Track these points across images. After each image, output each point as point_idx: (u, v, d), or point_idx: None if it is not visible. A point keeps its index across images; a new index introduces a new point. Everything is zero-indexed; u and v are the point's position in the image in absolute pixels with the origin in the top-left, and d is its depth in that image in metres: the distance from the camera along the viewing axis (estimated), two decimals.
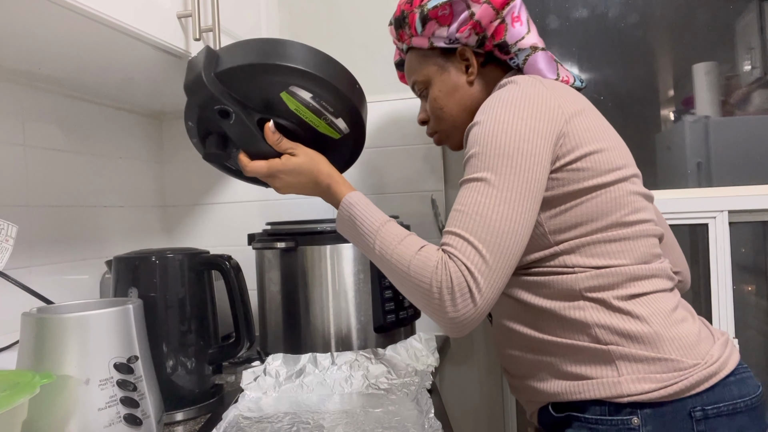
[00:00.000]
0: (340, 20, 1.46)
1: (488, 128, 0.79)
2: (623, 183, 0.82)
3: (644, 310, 0.78)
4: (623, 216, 0.81)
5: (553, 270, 0.81)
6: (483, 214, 0.74)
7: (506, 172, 0.76)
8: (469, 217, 0.74)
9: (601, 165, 0.80)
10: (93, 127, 1.28)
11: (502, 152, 0.76)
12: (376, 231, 0.80)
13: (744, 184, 1.36)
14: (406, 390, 0.94)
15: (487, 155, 0.77)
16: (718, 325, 1.33)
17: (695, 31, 1.49)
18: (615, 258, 0.80)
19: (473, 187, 0.77)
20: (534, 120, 0.78)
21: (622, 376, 0.76)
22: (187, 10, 0.97)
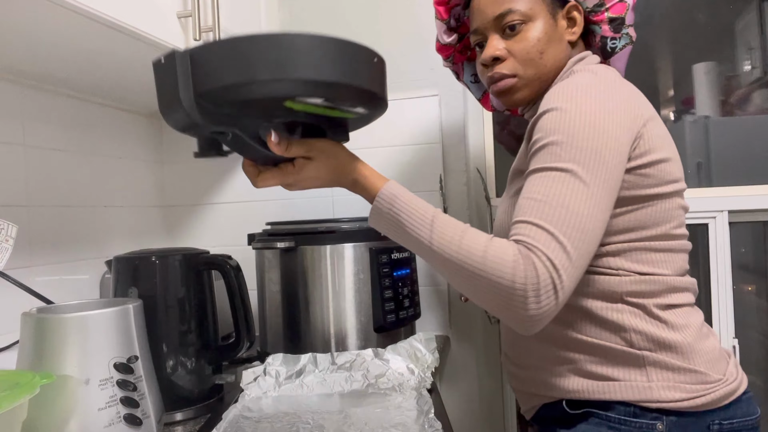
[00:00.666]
0: (340, 20, 1.46)
1: (575, 118, 0.73)
2: (677, 197, 0.81)
3: (680, 321, 0.79)
4: (671, 228, 0.80)
5: (596, 270, 0.80)
6: (569, 207, 0.68)
7: (595, 168, 0.71)
8: (553, 208, 0.68)
9: (665, 175, 0.78)
10: (93, 127, 1.28)
11: (592, 147, 0.71)
12: (430, 224, 0.72)
13: (744, 184, 1.36)
14: (406, 390, 0.94)
15: (575, 147, 0.71)
16: (718, 326, 1.33)
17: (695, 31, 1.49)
18: (658, 267, 0.80)
19: (557, 178, 0.70)
20: (620, 117, 0.74)
21: (652, 381, 0.77)
22: (187, 10, 0.97)
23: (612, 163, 0.72)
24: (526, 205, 0.70)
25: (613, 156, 0.72)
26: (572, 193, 0.69)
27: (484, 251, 0.68)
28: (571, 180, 0.70)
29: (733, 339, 1.32)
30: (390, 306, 1.11)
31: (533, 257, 0.66)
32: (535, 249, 0.66)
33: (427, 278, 1.41)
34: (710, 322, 1.34)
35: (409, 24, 1.43)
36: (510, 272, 0.66)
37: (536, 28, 0.86)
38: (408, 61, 1.42)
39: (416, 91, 1.42)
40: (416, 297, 1.20)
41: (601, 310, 0.79)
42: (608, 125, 0.73)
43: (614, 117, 0.74)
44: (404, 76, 1.43)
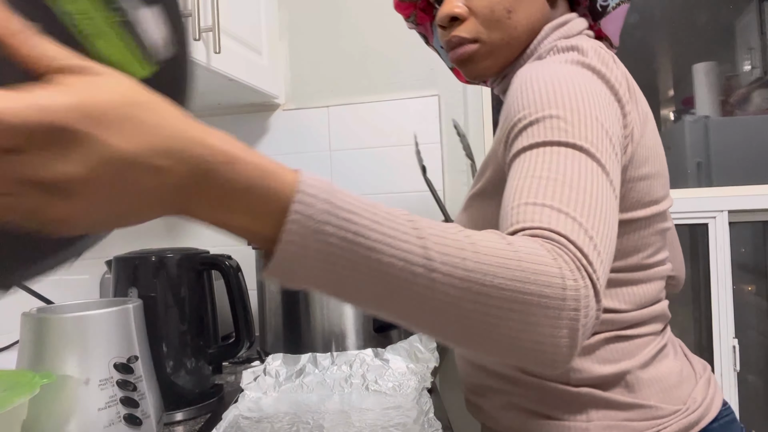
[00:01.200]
0: (340, 20, 1.46)
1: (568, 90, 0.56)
2: (656, 221, 0.67)
3: (627, 353, 0.67)
4: (644, 258, 0.67)
5: None
6: (592, 193, 0.49)
7: (606, 149, 0.53)
8: (574, 192, 0.49)
9: (644, 195, 0.64)
10: None
11: (598, 123, 0.54)
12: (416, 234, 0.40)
13: (744, 184, 1.36)
14: (406, 390, 0.94)
15: (580, 122, 0.53)
16: (718, 326, 1.33)
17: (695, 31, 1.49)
18: (618, 302, 0.67)
19: (569, 155, 0.51)
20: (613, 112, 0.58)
21: (592, 422, 0.66)
22: (187, 10, 0.97)
23: (617, 148, 0.55)
24: (532, 185, 0.50)
25: (617, 140, 0.56)
26: (591, 175, 0.50)
27: (515, 252, 0.42)
28: (587, 160, 0.51)
29: (733, 339, 1.32)
30: None
31: (570, 256, 0.44)
32: (569, 245, 0.45)
33: None
34: (710, 322, 1.34)
35: None
36: (557, 273, 0.42)
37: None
38: (408, 61, 1.42)
39: (416, 91, 1.42)
40: None
41: None
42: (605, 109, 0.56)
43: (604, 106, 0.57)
44: (404, 76, 1.43)
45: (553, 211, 0.47)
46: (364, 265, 0.38)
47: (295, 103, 1.48)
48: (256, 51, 1.31)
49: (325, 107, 1.45)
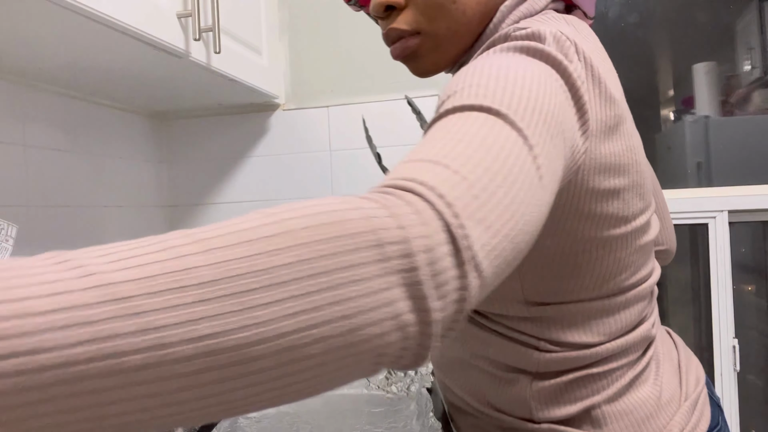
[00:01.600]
0: (340, 20, 1.46)
1: (507, 75, 0.44)
2: (636, 236, 0.55)
3: (595, 387, 0.59)
4: (622, 281, 0.57)
5: (514, 337, 0.58)
6: (496, 156, 0.37)
7: (536, 126, 0.41)
8: (470, 149, 0.37)
9: (618, 211, 0.53)
10: (93, 127, 1.28)
11: (532, 100, 0.42)
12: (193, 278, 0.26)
13: (744, 184, 1.36)
14: (406, 390, 0.94)
15: (505, 91, 0.42)
16: (718, 326, 1.33)
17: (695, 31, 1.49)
18: (593, 334, 0.57)
19: (480, 118, 0.40)
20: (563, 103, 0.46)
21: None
22: (186, 10, 0.97)
23: (555, 142, 0.42)
24: (422, 146, 0.39)
25: (561, 126, 0.43)
26: (503, 141, 0.38)
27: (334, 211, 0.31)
28: (504, 127, 0.39)
29: (733, 339, 1.32)
30: None
31: (412, 202, 0.33)
32: (420, 189, 0.34)
33: None
34: (710, 322, 1.34)
35: None
36: (383, 221, 0.31)
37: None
38: None
39: (416, 90, 1.42)
40: None
41: (507, 382, 0.60)
42: (555, 97, 0.45)
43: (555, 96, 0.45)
44: (404, 75, 1.43)
45: (430, 164, 0.36)
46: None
47: (295, 103, 1.48)
48: (256, 51, 1.31)
49: (325, 107, 1.45)
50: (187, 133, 1.54)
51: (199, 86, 1.23)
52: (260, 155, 1.49)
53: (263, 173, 1.49)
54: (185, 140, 1.54)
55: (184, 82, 1.19)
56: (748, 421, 1.36)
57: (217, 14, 1.01)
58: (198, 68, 1.06)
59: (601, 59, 0.52)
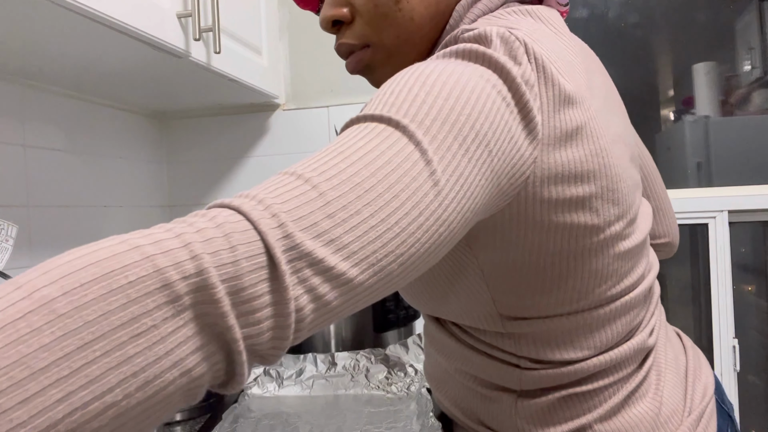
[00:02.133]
0: None
1: (428, 83, 0.41)
2: (612, 245, 0.51)
3: (583, 409, 0.55)
4: (603, 292, 0.52)
5: (493, 354, 0.56)
6: (367, 162, 0.35)
7: (444, 137, 0.38)
8: (331, 156, 0.36)
9: (588, 220, 0.48)
10: (93, 127, 1.28)
11: (446, 109, 0.39)
12: None
13: (744, 184, 1.36)
14: (406, 390, 0.94)
15: (414, 100, 0.39)
16: (718, 326, 1.33)
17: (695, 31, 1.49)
18: (576, 350, 0.53)
19: (370, 128, 0.38)
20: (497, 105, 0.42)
21: None
22: (187, 10, 0.97)
23: (483, 152, 0.40)
24: (300, 162, 0.36)
25: (491, 141, 0.40)
26: (388, 149, 0.36)
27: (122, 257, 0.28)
28: (396, 136, 0.37)
29: (733, 339, 1.32)
30: (390, 305, 1.11)
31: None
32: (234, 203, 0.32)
33: None
34: (710, 322, 1.34)
35: None
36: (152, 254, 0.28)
37: None
38: None
39: None
40: None
41: (491, 401, 0.58)
42: (476, 105, 0.41)
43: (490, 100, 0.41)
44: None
45: (291, 177, 0.34)
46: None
47: (295, 103, 1.48)
48: (256, 51, 1.31)
49: (325, 107, 1.45)
50: (187, 133, 1.54)
51: (199, 86, 1.23)
52: (260, 155, 1.49)
53: (263, 173, 1.49)
54: (185, 140, 1.54)
55: (184, 82, 1.19)
56: (748, 421, 1.36)
57: (217, 14, 1.01)
58: (198, 68, 1.06)
59: (559, 57, 0.47)
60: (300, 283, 0.31)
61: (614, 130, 0.51)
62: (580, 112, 0.46)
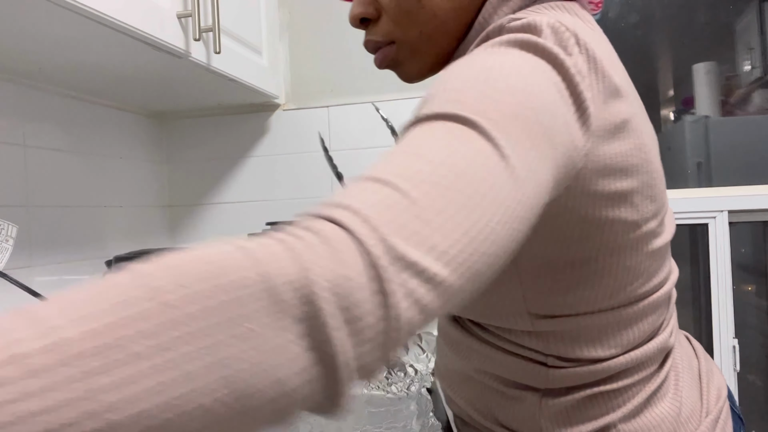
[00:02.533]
0: (340, 20, 1.46)
1: (492, 73, 0.41)
2: (647, 241, 0.51)
3: (612, 405, 0.55)
4: (634, 290, 0.53)
5: (519, 352, 0.56)
6: (451, 165, 0.35)
7: (514, 131, 0.38)
8: (420, 161, 0.35)
9: (628, 216, 0.48)
10: (93, 127, 1.28)
11: (514, 104, 0.39)
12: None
13: (744, 184, 1.36)
14: (406, 390, 0.94)
15: (482, 95, 0.39)
16: (718, 326, 1.33)
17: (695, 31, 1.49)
18: (603, 348, 0.54)
19: (447, 128, 0.37)
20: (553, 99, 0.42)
21: None
22: (187, 10, 0.97)
23: (547, 146, 0.39)
24: (376, 163, 0.36)
25: (554, 135, 0.40)
26: (467, 150, 0.36)
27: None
28: (472, 135, 0.36)
29: (733, 339, 1.32)
30: None
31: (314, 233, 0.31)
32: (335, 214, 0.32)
33: None
34: (710, 322, 1.34)
35: None
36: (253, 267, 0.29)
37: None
38: None
39: (416, 90, 1.42)
40: None
41: (515, 401, 0.57)
42: (543, 94, 0.41)
43: (546, 92, 0.41)
44: None
45: (377, 183, 0.33)
46: None
47: (295, 103, 1.48)
48: (256, 51, 1.31)
49: (325, 107, 1.45)
50: (187, 133, 1.54)
51: (199, 86, 1.23)
52: (260, 155, 1.49)
53: (263, 173, 1.49)
54: (185, 140, 1.54)
55: (184, 82, 1.19)
56: (748, 421, 1.37)
57: (217, 14, 1.01)
58: (198, 68, 1.06)
59: (605, 50, 0.47)
60: (407, 295, 0.31)
61: (649, 126, 0.52)
62: (626, 105, 0.46)
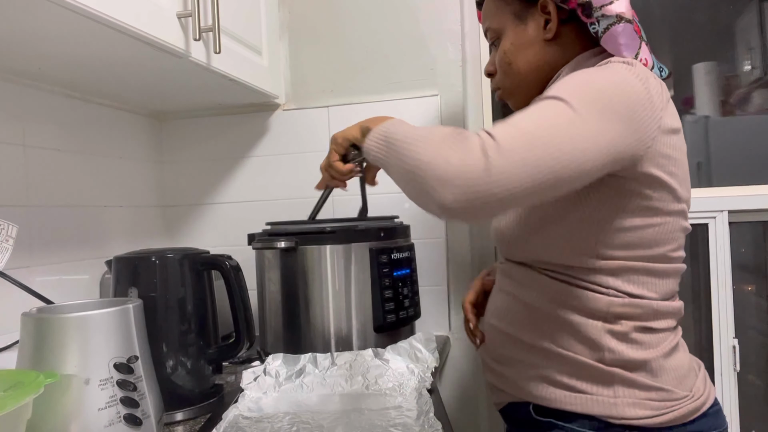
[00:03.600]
0: (340, 20, 1.46)
1: (583, 77, 0.73)
2: (681, 217, 0.79)
3: (653, 343, 0.78)
4: (670, 251, 0.79)
5: (586, 285, 0.79)
6: (540, 115, 0.68)
7: (586, 104, 0.68)
8: (526, 113, 0.69)
9: (673, 191, 0.76)
10: (93, 127, 1.28)
11: (596, 92, 0.70)
12: None
13: (744, 184, 1.36)
14: (406, 390, 0.94)
15: (577, 86, 0.71)
16: (718, 326, 1.33)
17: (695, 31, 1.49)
18: (648, 289, 0.78)
19: (547, 102, 0.70)
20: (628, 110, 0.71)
21: (618, 398, 0.77)
22: (187, 10, 0.97)
23: (607, 116, 0.69)
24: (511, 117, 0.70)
25: (612, 115, 0.69)
26: (553, 108, 0.68)
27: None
28: (558, 104, 0.69)
29: (733, 339, 1.32)
30: (390, 306, 1.11)
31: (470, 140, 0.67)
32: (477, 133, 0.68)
33: (427, 278, 1.41)
34: (710, 322, 1.34)
35: (409, 24, 1.43)
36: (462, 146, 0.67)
37: (505, 41, 0.90)
38: (408, 61, 1.42)
39: (416, 91, 1.42)
40: (416, 297, 1.20)
41: (581, 326, 0.79)
42: (628, 91, 0.71)
43: (621, 110, 0.70)
44: (404, 76, 1.43)
45: (506, 125, 0.68)
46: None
47: (295, 103, 1.48)
48: (256, 51, 1.31)
49: (325, 107, 1.45)
50: (187, 133, 1.54)
51: (199, 86, 1.23)
52: (260, 155, 1.49)
53: (263, 173, 1.49)
54: (185, 140, 1.54)
55: (184, 82, 1.19)
56: (748, 421, 1.36)
57: (217, 14, 1.01)
58: (198, 68, 1.06)
59: (667, 96, 0.78)
60: (490, 152, 0.65)
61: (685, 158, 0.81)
62: (676, 125, 0.78)
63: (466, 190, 0.64)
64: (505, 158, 0.64)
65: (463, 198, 0.64)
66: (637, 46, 0.82)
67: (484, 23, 0.94)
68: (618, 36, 0.80)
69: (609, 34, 0.80)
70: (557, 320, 0.81)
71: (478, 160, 0.64)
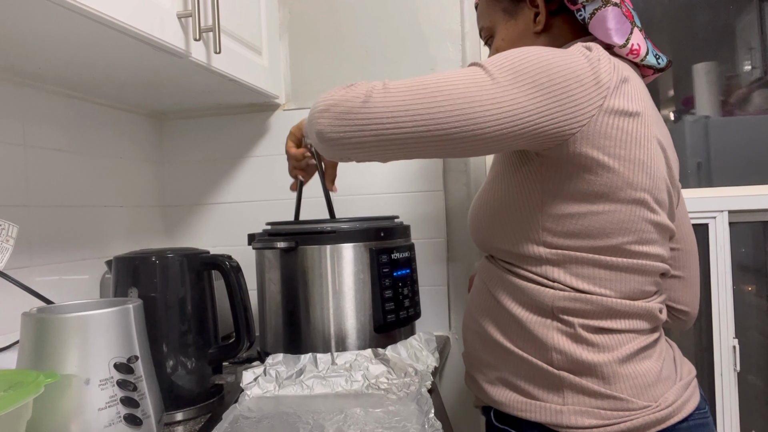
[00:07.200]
0: (340, 20, 1.46)
1: (507, 53, 0.70)
2: (640, 207, 0.72)
3: (608, 345, 0.73)
4: (627, 243, 0.73)
5: (531, 278, 0.76)
6: (443, 76, 0.69)
7: (503, 69, 0.68)
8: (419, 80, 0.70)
9: (629, 178, 0.70)
10: (93, 127, 1.28)
11: (515, 65, 0.68)
12: None
13: (744, 184, 1.36)
14: (406, 390, 0.94)
15: (499, 59, 0.69)
16: (718, 326, 1.33)
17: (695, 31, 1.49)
18: (599, 285, 0.73)
19: (468, 68, 0.70)
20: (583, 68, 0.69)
21: (566, 405, 0.73)
22: (187, 10, 0.97)
23: (546, 88, 0.67)
24: None
25: (539, 88, 0.67)
26: (469, 71, 0.69)
27: None
28: (474, 68, 0.69)
29: (733, 339, 1.32)
30: (390, 306, 1.11)
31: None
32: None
33: (428, 278, 1.41)
34: (710, 322, 1.34)
35: (408, 24, 1.43)
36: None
37: (497, 37, 0.90)
38: (408, 61, 1.42)
39: None
40: (416, 297, 1.20)
41: (529, 323, 0.75)
42: (559, 65, 0.68)
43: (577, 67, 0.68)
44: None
45: (408, 79, 0.71)
46: None
47: (295, 103, 1.48)
48: (256, 51, 1.31)
49: None
50: (187, 133, 1.54)
51: (199, 86, 1.23)
52: (260, 155, 1.49)
53: (263, 173, 1.49)
54: (185, 140, 1.53)
55: (184, 82, 1.19)
56: (748, 421, 1.36)
57: (217, 14, 1.01)
58: (198, 68, 1.06)
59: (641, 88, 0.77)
60: (373, 92, 0.70)
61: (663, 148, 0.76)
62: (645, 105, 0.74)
63: (340, 116, 0.69)
64: (385, 95, 0.67)
65: (337, 123, 0.69)
66: (627, 31, 0.78)
67: (479, 23, 0.95)
68: (606, 20, 0.77)
69: (596, 18, 0.78)
70: (512, 317, 0.77)
71: (360, 95, 0.69)
